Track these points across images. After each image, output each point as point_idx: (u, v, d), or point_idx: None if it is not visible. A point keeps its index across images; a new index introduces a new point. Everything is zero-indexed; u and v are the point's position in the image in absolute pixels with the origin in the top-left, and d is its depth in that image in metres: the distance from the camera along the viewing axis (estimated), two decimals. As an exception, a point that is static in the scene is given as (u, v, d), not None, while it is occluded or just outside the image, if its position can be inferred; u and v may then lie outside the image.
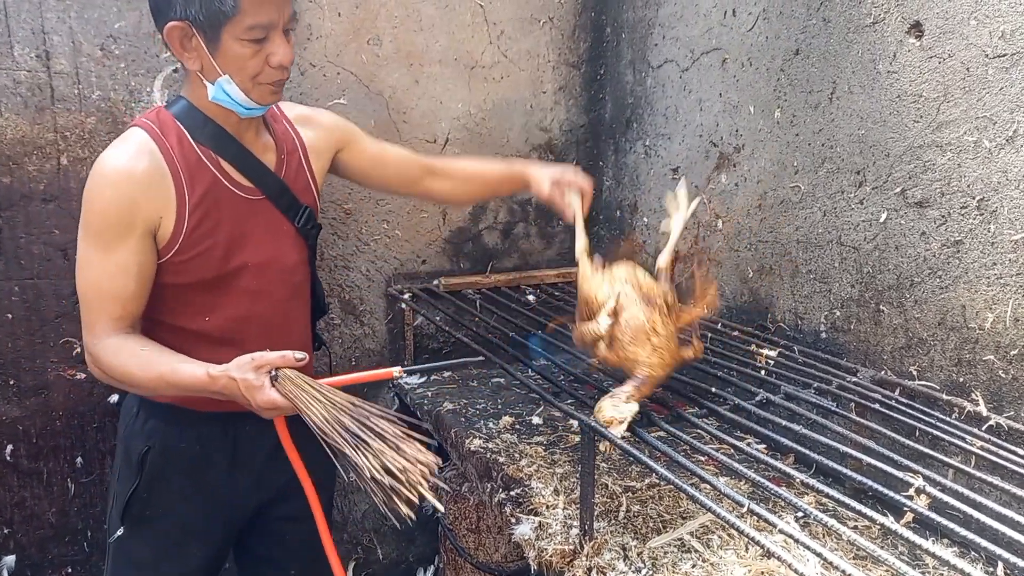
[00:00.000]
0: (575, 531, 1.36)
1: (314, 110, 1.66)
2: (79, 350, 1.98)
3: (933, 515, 0.95)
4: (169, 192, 1.36)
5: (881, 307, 1.54)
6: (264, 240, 1.49)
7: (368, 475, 1.20)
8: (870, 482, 1.03)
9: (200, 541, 1.54)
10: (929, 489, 1.03)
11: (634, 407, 1.16)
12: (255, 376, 1.27)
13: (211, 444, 1.51)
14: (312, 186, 1.59)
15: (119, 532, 1.47)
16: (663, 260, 1.39)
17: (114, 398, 2.03)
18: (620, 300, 1.25)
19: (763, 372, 1.57)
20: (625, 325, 1.24)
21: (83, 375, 2.00)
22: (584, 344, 1.27)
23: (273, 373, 1.28)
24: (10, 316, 1.92)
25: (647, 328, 1.25)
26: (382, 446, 1.23)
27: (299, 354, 1.30)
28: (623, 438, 1.15)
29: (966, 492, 1.01)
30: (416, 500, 1.19)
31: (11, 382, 1.95)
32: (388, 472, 1.20)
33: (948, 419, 1.32)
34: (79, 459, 2.03)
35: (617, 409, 1.16)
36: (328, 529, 1.50)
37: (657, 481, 1.57)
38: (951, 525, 0.93)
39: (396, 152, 1.78)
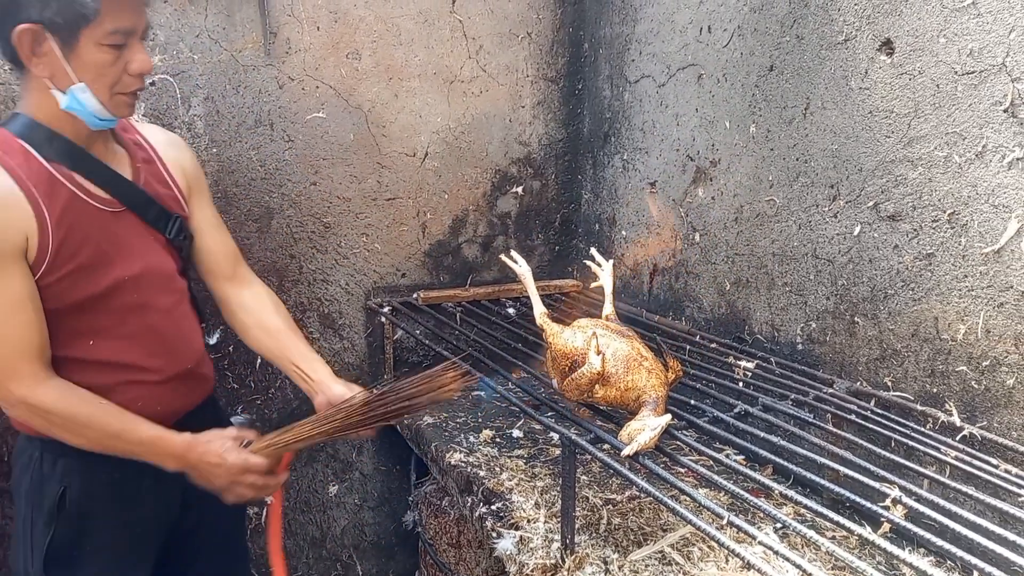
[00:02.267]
0: (556, 545, 1.36)
1: (177, 139, 1.60)
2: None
3: (909, 525, 0.96)
4: (27, 212, 1.27)
5: (856, 319, 1.56)
6: (134, 251, 1.41)
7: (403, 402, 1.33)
8: (847, 493, 1.04)
9: (136, 567, 1.48)
10: (905, 499, 1.04)
11: (666, 417, 1.19)
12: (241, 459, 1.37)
13: (133, 471, 1.40)
14: (180, 198, 1.52)
15: None
16: (608, 310, 1.50)
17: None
18: (599, 341, 1.28)
19: (741, 384, 1.58)
20: (614, 359, 1.26)
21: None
22: (580, 392, 1.29)
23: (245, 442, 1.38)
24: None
25: (635, 356, 1.28)
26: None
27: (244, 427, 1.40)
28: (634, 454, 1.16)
29: (941, 502, 1.02)
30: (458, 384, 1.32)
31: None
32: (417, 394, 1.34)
33: (923, 429, 1.34)
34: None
35: (647, 426, 1.17)
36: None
37: (637, 493, 1.57)
38: (927, 535, 0.95)
39: (225, 236, 1.64)
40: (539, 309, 1.49)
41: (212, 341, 2.09)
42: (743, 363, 1.66)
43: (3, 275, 1.25)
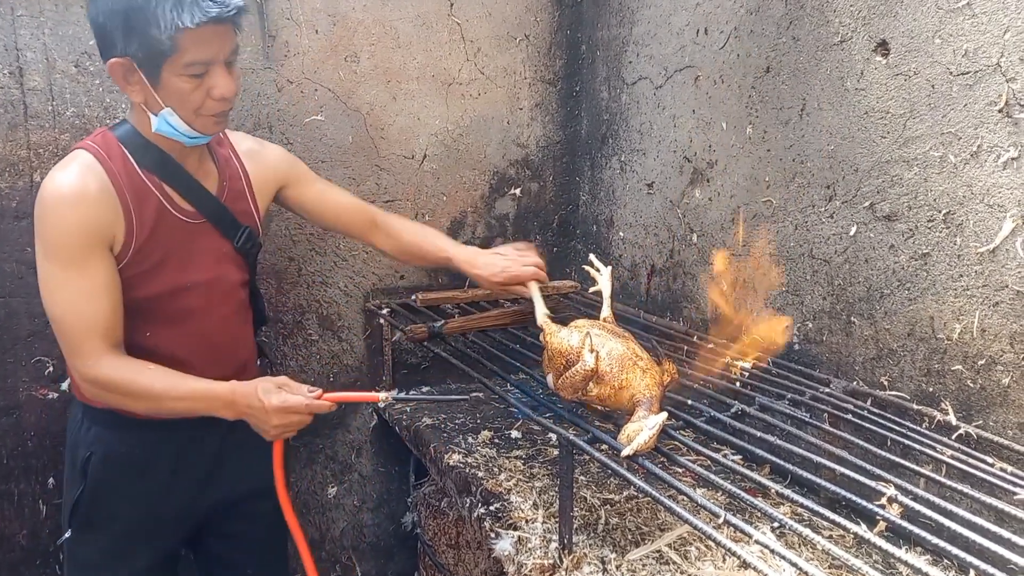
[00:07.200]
0: (554, 545, 1.37)
1: (263, 145, 1.71)
2: (51, 369, 1.95)
3: (906, 524, 0.97)
4: (118, 212, 1.39)
5: (852, 319, 1.57)
6: (207, 261, 1.54)
7: None
8: (844, 492, 1.04)
9: (148, 543, 1.57)
10: (901, 498, 1.04)
11: (662, 415, 1.18)
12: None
13: (152, 450, 1.54)
14: (255, 213, 1.63)
15: (67, 535, 1.53)
16: (606, 313, 1.53)
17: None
18: (594, 340, 1.29)
19: (738, 384, 1.59)
20: (608, 358, 1.27)
21: (55, 395, 1.96)
22: (575, 390, 1.29)
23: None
24: (-19, 335, 1.90)
25: (630, 355, 1.28)
26: None
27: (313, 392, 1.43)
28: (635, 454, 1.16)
29: (937, 501, 1.02)
30: None
31: (-19, 402, 1.92)
32: None
33: (919, 428, 1.35)
34: (51, 480, 2.00)
35: (644, 426, 1.17)
36: (305, 543, 1.61)
37: (635, 493, 1.58)
38: (923, 533, 0.95)
39: (340, 199, 1.80)
40: (541, 311, 1.53)
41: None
42: (740, 363, 1.66)
43: (90, 262, 1.36)
